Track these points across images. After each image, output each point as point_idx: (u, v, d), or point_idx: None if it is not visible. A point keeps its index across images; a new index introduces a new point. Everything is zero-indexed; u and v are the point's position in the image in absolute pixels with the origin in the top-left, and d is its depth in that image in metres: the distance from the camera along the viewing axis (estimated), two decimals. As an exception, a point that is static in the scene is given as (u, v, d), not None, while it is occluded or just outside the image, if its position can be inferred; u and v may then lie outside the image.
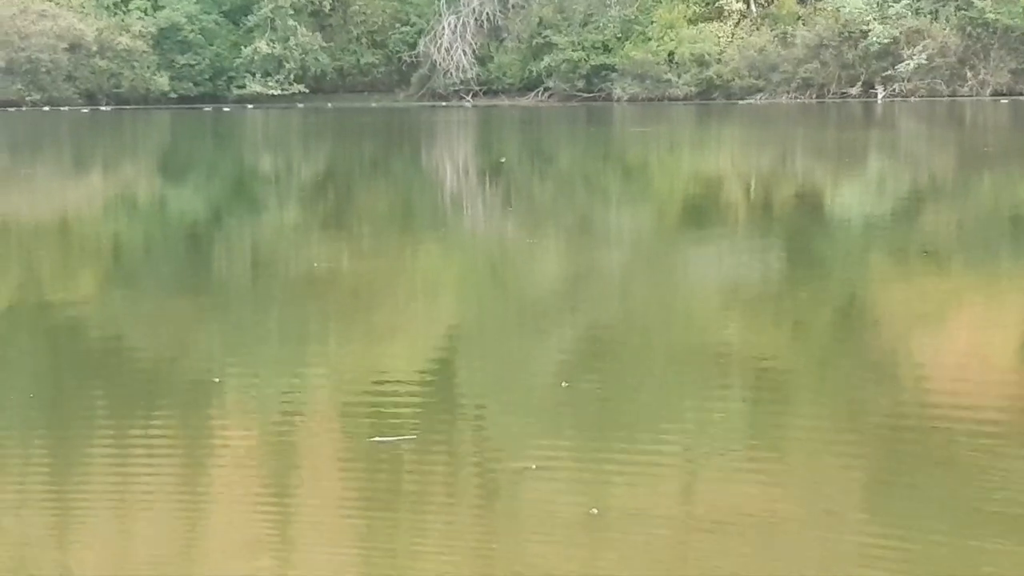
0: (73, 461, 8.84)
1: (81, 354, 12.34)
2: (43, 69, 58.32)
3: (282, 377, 11.13)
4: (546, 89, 60.50)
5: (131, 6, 61.91)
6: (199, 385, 10.74)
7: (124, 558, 7.22)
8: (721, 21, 58.73)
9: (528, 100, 60.54)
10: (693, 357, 11.59)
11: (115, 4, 62.00)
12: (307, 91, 61.90)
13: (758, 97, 56.73)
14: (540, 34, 60.16)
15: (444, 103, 60.89)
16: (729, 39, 58.00)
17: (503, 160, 34.45)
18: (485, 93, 61.90)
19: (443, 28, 61.17)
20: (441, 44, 61.09)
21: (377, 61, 63.99)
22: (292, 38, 61.36)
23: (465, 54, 61.14)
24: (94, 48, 59.43)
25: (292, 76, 61.68)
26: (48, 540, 7.47)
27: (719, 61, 57.77)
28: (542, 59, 59.95)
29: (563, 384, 10.45)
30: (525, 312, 14.05)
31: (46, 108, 57.65)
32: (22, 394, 10.73)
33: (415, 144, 42.68)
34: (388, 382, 10.97)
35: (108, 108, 58.16)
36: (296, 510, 7.89)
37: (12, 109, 56.55)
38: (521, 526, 7.46)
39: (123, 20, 61.34)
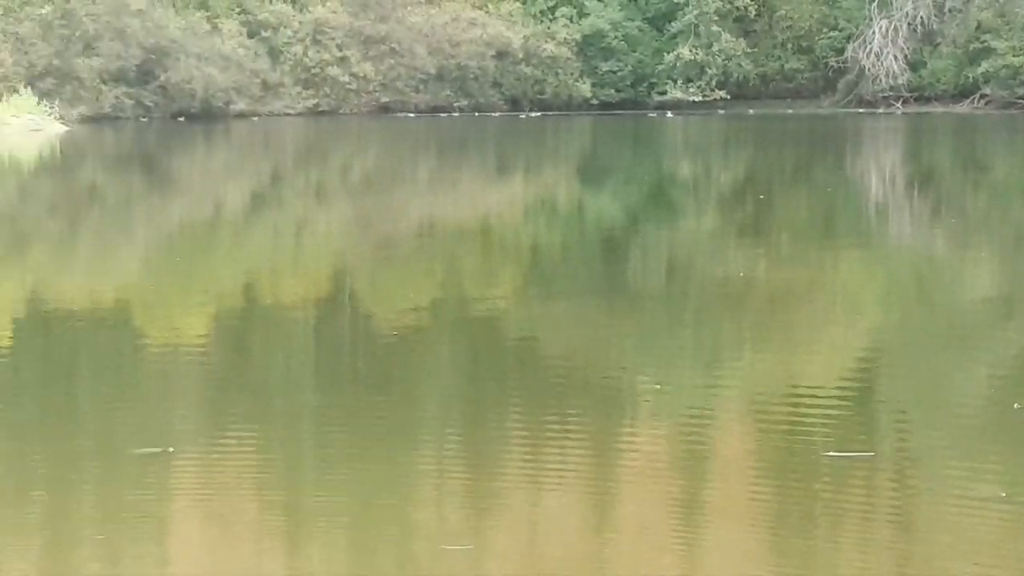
0: (487, 452, 8.84)
1: (498, 351, 12.42)
2: (471, 76, 60.00)
3: (696, 382, 10.89)
4: (983, 96, 57.76)
5: (557, 14, 62.93)
6: (610, 386, 10.69)
7: (532, 550, 6.94)
8: None
9: (963, 107, 57.96)
10: None
11: (542, 12, 63.16)
12: (728, 97, 61.29)
13: None
14: (978, 39, 57.52)
15: (871, 110, 59.13)
16: None
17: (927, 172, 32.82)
18: (916, 100, 59.71)
19: (873, 33, 59.39)
20: (871, 49, 59.32)
21: (802, 67, 62.74)
22: (715, 44, 60.92)
23: (896, 59, 59.13)
24: (520, 55, 60.71)
25: (714, 82, 61.23)
26: (462, 520, 7.32)
27: None
28: (979, 64, 57.30)
29: (1015, 406, 9.49)
30: (954, 327, 13.06)
31: (475, 114, 59.35)
32: (440, 387, 10.79)
33: (840, 151, 41.44)
34: (807, 395, 10.39)
35: (532, 115, 59.31)
36: (707, 518, 7.55)
37: (443, 115, 58.46)
38: (980, 558, 6.71)
39: (549, 28, 62.40)
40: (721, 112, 60.30)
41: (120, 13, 50.35)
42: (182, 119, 51.83)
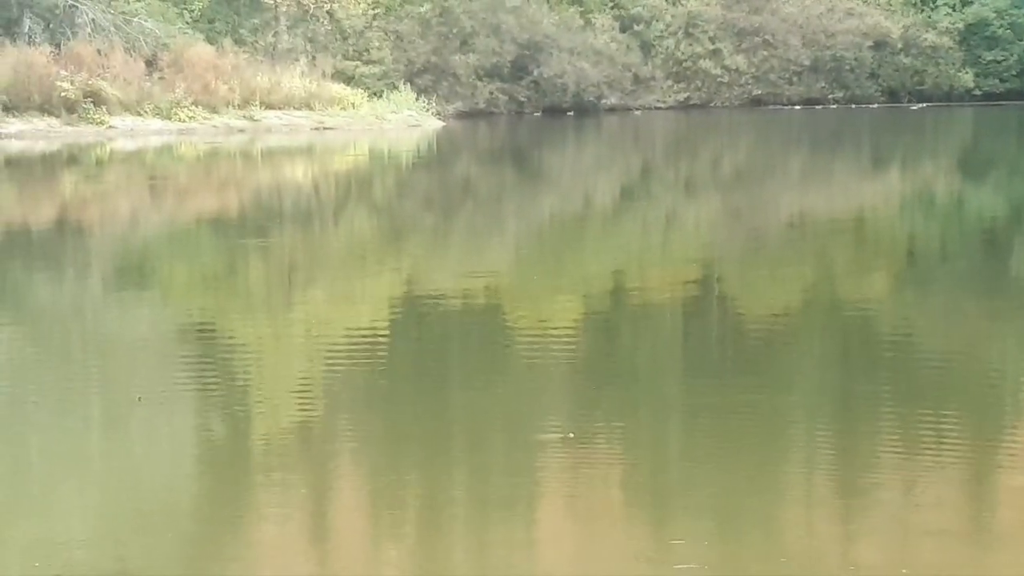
0: (858, 451, 8.49)
1: (870, 347, 11.99)
2: (847, 67, 58.57)
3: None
4: None
5: (939, 2, 60.71)
6: (989, 387, 10.28)
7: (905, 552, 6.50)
8: None
9: None
10: None
11: (922, 1, 61.07)
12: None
13: None
14: None
15: None
16: None
17: None
18: None
19: None
20: None
21: None
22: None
23: None
24: (899, 45, 58.89)
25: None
26: (829, 519, 7.06)
27: None
28: None
29: None
30: None
31: (851, 106, 57.87)
32: (810, 383, 10.54)
33: None
34: None
35: (917, 107, 57.36)
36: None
37: (817, 107, 57.26)
38: None
39: (929, 17, 60.30)
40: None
41: (496, 10, 51.46)
42: (553, 114, 52.54)
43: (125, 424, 9.32)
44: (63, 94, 37.76)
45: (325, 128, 42.90)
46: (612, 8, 56.12)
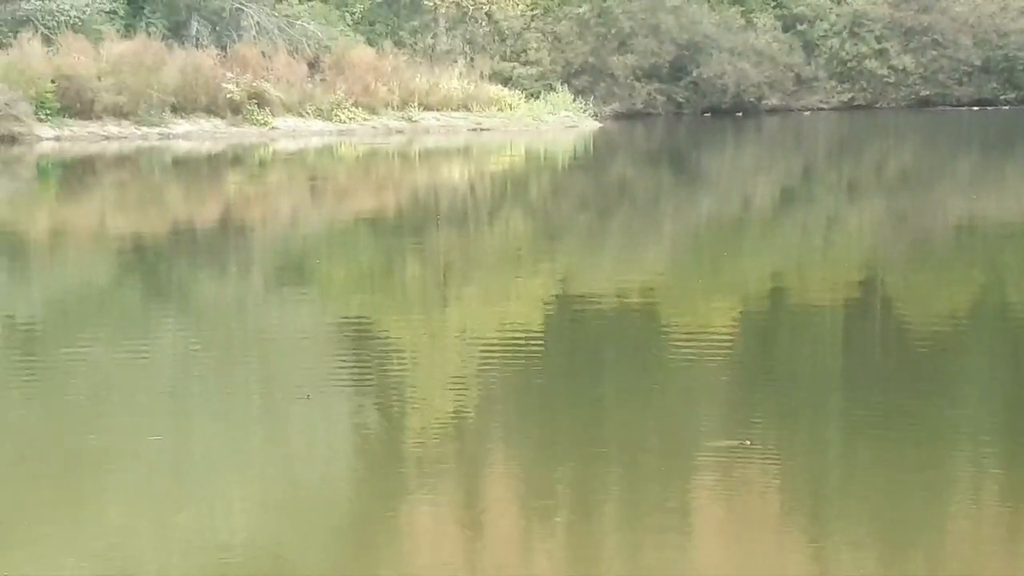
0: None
1: None
2: (1020, 67, 57.00)
3: None
4: None
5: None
6: None
7: None
8: None
9: None
10: None
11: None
12: None
13: None
14: None
15: None
16: None
17: None
18: None
19: None
20: None
21: None
22: None
23: None
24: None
25: None
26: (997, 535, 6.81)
27: None
28: None
29: None
30: None
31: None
32: (977, 393, 10.25)
33: None
34: None
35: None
36: None
37: (988, 108, 55.83)
38: None
39: (1106, 15, 58.42)
40: None
41: (656, 10, 51.09)
42: (711, 114, 52.04)
43: (285, 418, 9.36)
44: (228, 96, 38.42)
45: (482, 129, 43.02)
46: (774, 8, 55.38)
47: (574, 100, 47.20)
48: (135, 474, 8.18)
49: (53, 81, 35.25)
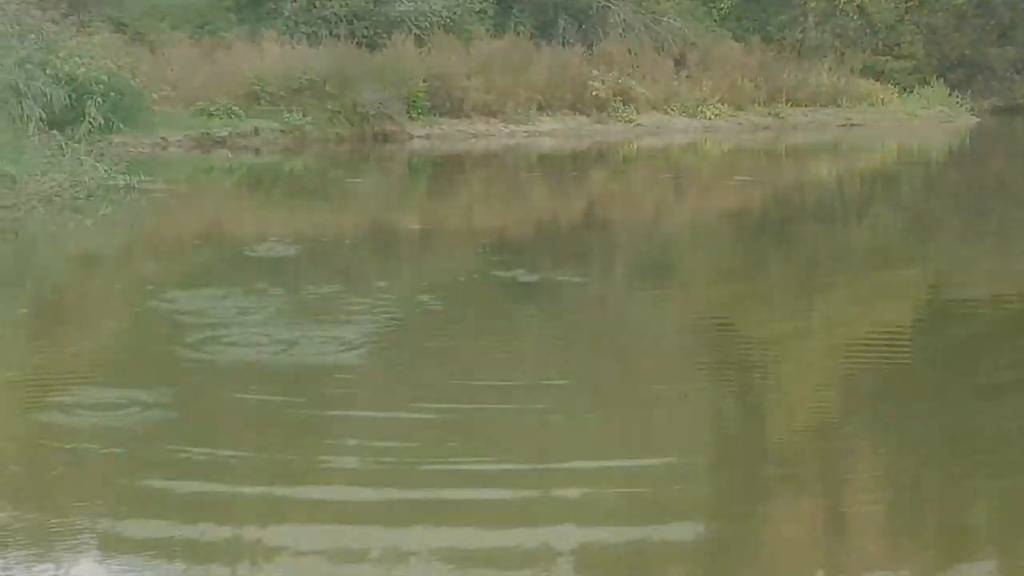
0: None
1: None
2: None
3: None
4: None
5: None
6: None
7: None
8: None
9: None
10: None
11: None
12: None
13: None
14: None
15: None
16: None
17: None
18: None
19: None
20: None
21: None
22: None
23: None
24: None
25: None
26: None
27: None
28: None
29: None
30: None
31: None
32: None
33: None
34: None
35: None
36: None
37: None
38: None
39: None
40: None
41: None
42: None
43: (646, 415, 9.26)
44: (594, 93, 38.73)
45: (852, 125, 42.03)
46: None
47: (950, 94, 45.58)
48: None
49: (425, 80, 36.31)
